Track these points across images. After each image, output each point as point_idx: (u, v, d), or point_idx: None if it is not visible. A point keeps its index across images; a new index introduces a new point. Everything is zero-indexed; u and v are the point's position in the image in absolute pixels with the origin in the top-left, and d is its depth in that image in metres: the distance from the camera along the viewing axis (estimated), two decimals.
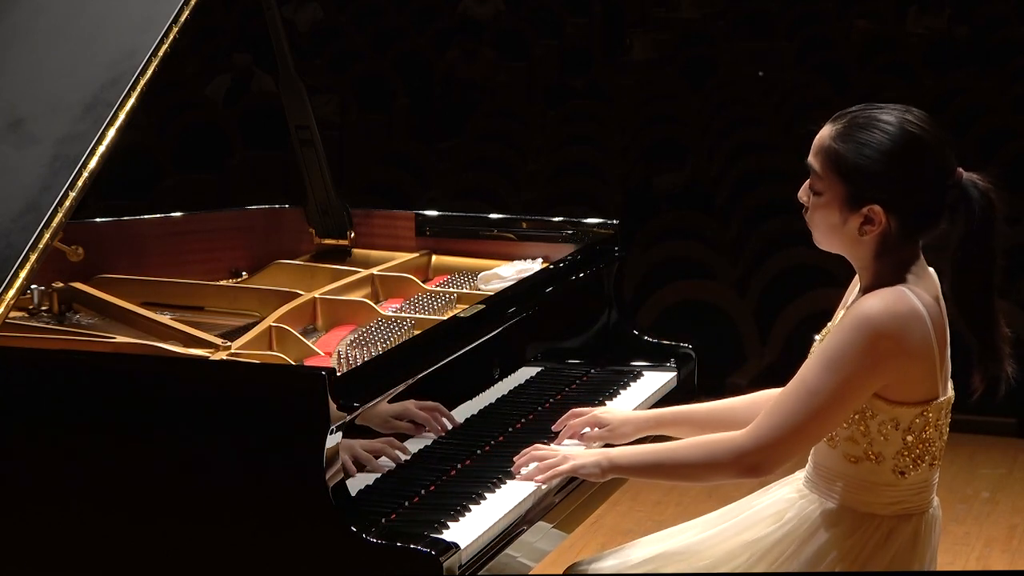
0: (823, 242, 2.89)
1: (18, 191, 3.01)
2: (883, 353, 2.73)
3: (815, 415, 2.76)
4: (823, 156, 2.82)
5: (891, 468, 2.82)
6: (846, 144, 2.79)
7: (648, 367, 3.82)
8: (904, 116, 2.80)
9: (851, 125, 2.81)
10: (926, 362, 2.78)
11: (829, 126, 2.83)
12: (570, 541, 3.93)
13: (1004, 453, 6.65)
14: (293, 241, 4.16)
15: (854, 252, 2.86)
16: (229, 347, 3.23)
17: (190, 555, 2.77)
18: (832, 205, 2.82)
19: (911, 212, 2.80)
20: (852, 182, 2.78)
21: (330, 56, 12.32)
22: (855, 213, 2.79)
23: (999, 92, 10.63)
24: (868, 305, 2.76)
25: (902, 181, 2.77)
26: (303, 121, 4.02)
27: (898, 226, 2.79)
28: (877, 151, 2.77)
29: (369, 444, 2.95)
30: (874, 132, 2.78)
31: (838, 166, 2.80)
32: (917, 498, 2.87)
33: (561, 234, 4.00)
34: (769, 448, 2.79)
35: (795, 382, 2.80)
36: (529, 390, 3.55)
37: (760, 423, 2.80)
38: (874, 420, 2.80)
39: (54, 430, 2.85)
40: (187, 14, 3.20)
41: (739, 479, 2.88)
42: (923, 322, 2.78)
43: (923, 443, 2.83)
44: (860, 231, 2.80)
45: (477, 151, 10.49)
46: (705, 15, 13.73)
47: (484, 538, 2.83)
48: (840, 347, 2.75)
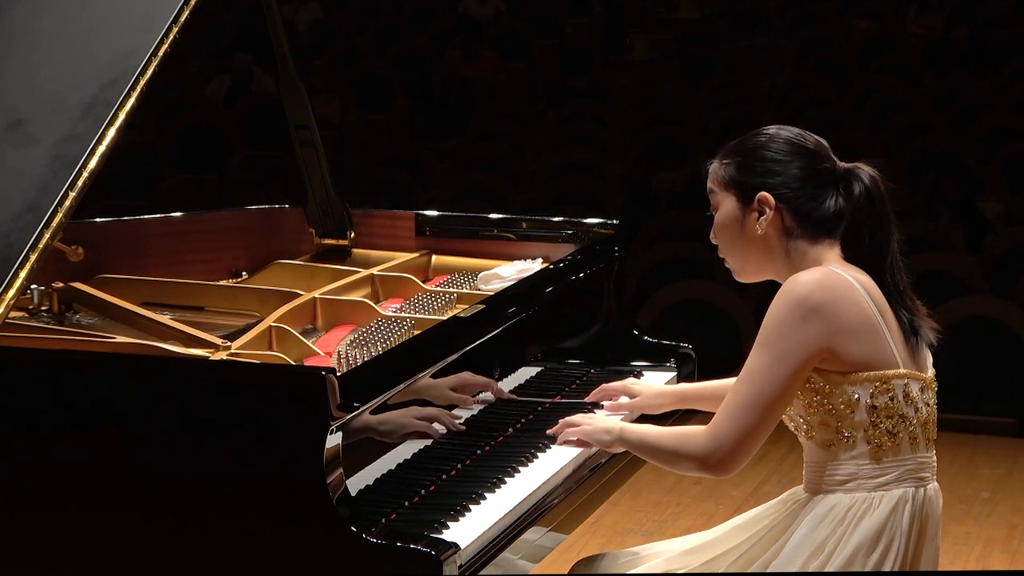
0: (741, 266, 3.03)
1: (18, 191, 3.01)
2: (814, 316, 2.80)
3: (766, 402, 2.83)
4: (714, 180, 3.04)
5: (865, 443, 2.85)
6: (729, 158, 3.02)
7: (648, 367, 3.83)
8: (779, 128, 3.02)
9: (732, 148, 3.03)
10: (866, 327, 2.83)
11: (715, 159, 3.05)
12: (570, 541, 3.93)
13: (1004, 453, 6.66)
14: (293, 241, 4.16)
15: (769, 265, 2.97)
16: (229, 347, 3.23)
17: (190, 555, 2.77)
18: (729, 213, 3.00)
19: (795, 193, 2.94)
20: (738, 184, 2.98)
21: (330, 56, 12.32)
22: (748, 210, 2.96)
23: (999, 92, 10.63)
24: (793, 279, 2.86)
25: (779, 164, 2.95)
26: (303, 121, 4.02)
27: (789, 212, 2.94)
28: (755, 152, 2.98)
29: (426, 411, 3.03)
30: (750, 141, 3.01)
31: (726, 180, 3.01)
32: (907, 472, 2.87)
33: (561, 234, 4.00)
34: (727, 450, 2.86)
35: (742, 373, 2.87)
36: (529, 390, 3.55)
37: (717, 423, 2.87)
38: (834, 397, 2.84)
39: (54, 430, 2.84)
40: (187, 14, 3.19)
41: (704, 476, 2.96)
42: (853, 289, 2.85)
43: (893, 417, 2.85)
44: (758, 225, 2.94)
45: (477, 151, 10.49)
46: (705, 15, 13.73)
47: (484, 538, 2.83)
48: (772, 322, 2.83)
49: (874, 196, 2.95)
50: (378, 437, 2.95)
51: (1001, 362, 7.05)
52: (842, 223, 2.94)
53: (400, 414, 3.02)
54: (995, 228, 8.36)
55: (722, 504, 5.72)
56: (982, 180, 9.03)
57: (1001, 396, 7.04)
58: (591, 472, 3.25)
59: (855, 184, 2.95)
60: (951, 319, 7.16)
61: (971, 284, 7.52)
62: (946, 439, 6.22)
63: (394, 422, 3.00)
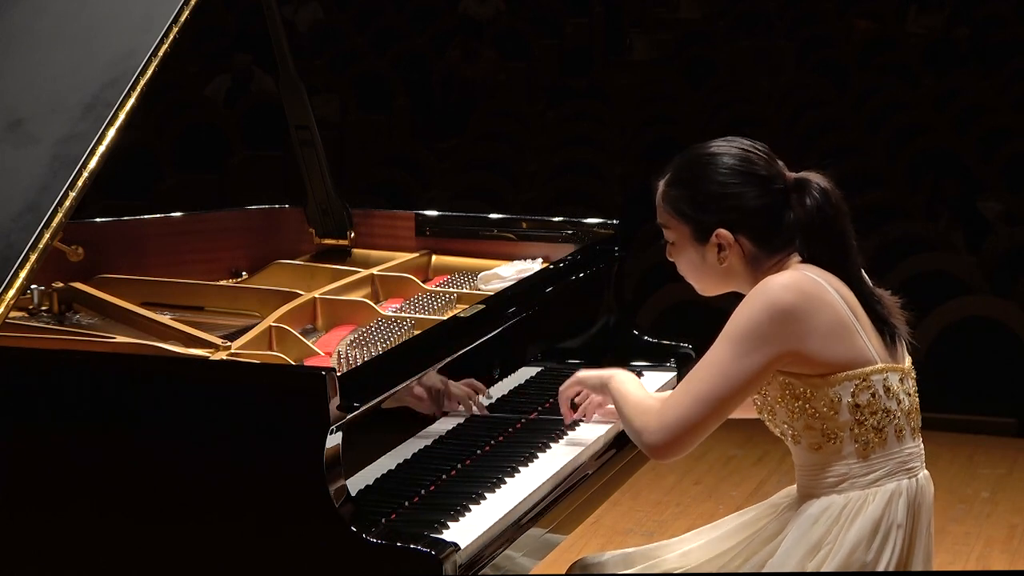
0: (704, 287, 3.01)
1: (18, 191, 3.01)
2: (784, 320, 2.78)
3: (719, 398, 2.82)
4: (663, 207, 2.99)
5: (852, 441, 2.84)
6: (677, 188, 2.97)
7: (648, 367, 3.83)
8: (719, 144, 2.97)
9: (676, 169, 2.99)
10: (839, 327, 2.82)
11: (660, 180, 3.00)
12: (570, 541, 3.93)
13: (1004, 453, 6.65)
14: (293, 241, 4.16)
15: (732, 282, 2.96)
16: (229, 347, 3.23)
17: (190, 555, 2.77)
18: (686, 247, 2.97)
19: (753, 223, 2.91)
20: (691, 218, 2.94)
21: (330, 56, 12.32)
22: (707, 244, 2.93)
23: (999, 92, 10.63)
24: (766, 281, 2.84)
25: (732, 198, 2.91)
26: (303, 121, 4.02)
27: (749, 240, 2.91)
28: (705, 184, 2.93)
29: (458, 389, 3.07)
30: (695, 167, 2.96)
31: (677, 210, 2.96)
32: (897, 465, 2.87)
33: (561, 234, 4.00)
34: (671, 439, 2.86)
35: (701, 362, 2.85)
36: (529, 390, 3.55)
37: (667, 411, 2.86)
38: (816, 400, 2.83)
39: (54, 430, 2.84)
40: (187, 14, 3.19)
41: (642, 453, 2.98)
42: (824, 290, 2.83)
43: (877, 413, 2.84)
44: (720, 259, 2.92)
45: (477, 151, 10.50)
46: (705, 15, 13.74)
47: (484, 538, 2.83)
48: (741, 320, 2.81)
49: (829, 201, 2.90)
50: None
51: (1001, 362, 7.05)
52: (800, 231, 2.90)
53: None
54: (995, 228, 8.36)
55: (722, 504, 5.71)
56: (982, 180, 9.03)
57: (1001, 396, 7.04)
58: (592, 472, 3.25)
59: (807, 196, 2.90)
60: (951, 319, 7.17)
61: (971, 284, 7.52)
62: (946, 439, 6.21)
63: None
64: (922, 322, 7.13)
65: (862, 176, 8.73)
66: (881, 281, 3.00)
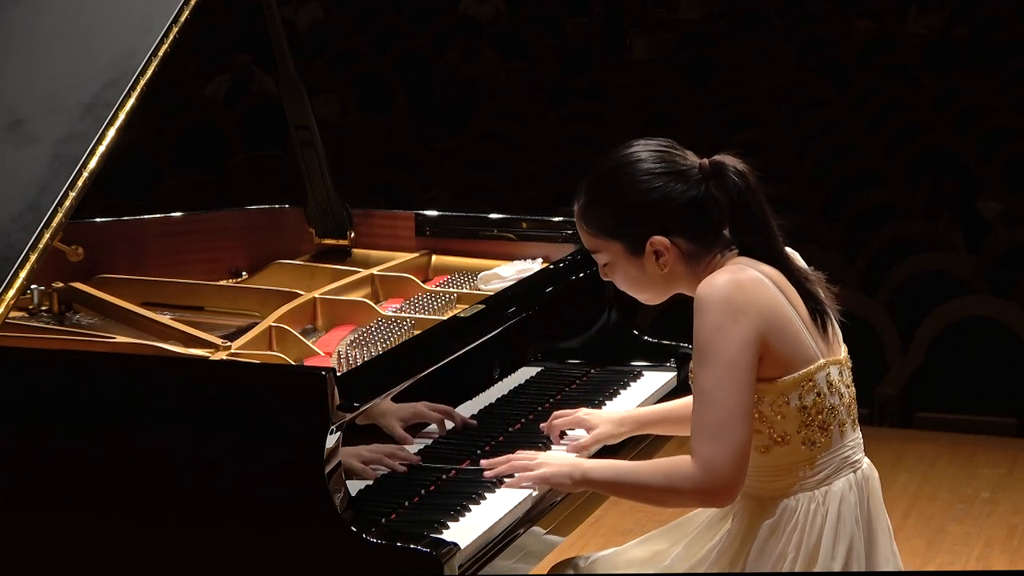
0: (648, 297, 2.95)
1: (18, 191, 3.01)
2: (741, 315, 2.72)
3: (737, 412, 2.72)
4: (587, 231, 2.92)
5: (800, 443, 2.82)
6: (599, 207, 2.89)
7: (648, 367, 3.82)
8: (627, 152, 2.88)
9: (591, 189, 2.90)
10: (785, 322, 2.78)
11: (575, 204, 2.92)
12: (570, 541, 3.93)
13: (1004, 453, 6.64)
14: (293, 241, 4.15)
15: (676, 286, 2.90)
16: (229, 347, 3.23)
17: (190, 555, 2.77)
18: (622, 263, 2.90)
19: (685, 220, 2.84)
20: (622, 234, 2.87)
21: (330, 56, 12.32)
22: (644, 255, 2.86)
23: (999, 92, 10.63)
24: (702, 287, 2.77)
25: (658, 202, 2.84)
26: (303, 121, 4.02)
27: (685, 239, 2.85)
28: (625, 194, 2.85)
29: (372, 453, 2.94)
30: (611, 181, 2.87)
31: (603, 230, 2.89)
32: (842, 461, 2.86)
33: (561, 234, 3.99)
34: (725, 474, 2.73)
35: (697, 396, 2.77)
36: (529, 390, 3.55)
37: (703, 451, 2.74)
38: (764, 404, 2.79)
39: (54, 430, 2.84)
40: (187, 14, 3.19)
41: (706, 507, 2.92)
42: (763, 284, 2.79)
43: (823, 411, 2.82)
44: (660, 266, 2.86)
45: (477, 151, 10.50)
46: (705, 15, 13.75)
47: (484, 538, 2.83)
48: (705, 335, 2.74)
49: (747, 180, 2.84)
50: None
51: (1001, 362, 7.04)
52: (727, 216, 2.84)
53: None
54: (995, 228, 8.36)
55: None
56: (982, 180, 9.03)
57: (1001, 396, 7.03)
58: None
59: (725, 178, 2.83)
60: (951, 319, 7.16)
61: (971, 284, 7.52)
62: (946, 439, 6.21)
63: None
64: (922, 322, 7.15)
65: (862, 176, 8.75)
66: (881, 281, 3.00)
